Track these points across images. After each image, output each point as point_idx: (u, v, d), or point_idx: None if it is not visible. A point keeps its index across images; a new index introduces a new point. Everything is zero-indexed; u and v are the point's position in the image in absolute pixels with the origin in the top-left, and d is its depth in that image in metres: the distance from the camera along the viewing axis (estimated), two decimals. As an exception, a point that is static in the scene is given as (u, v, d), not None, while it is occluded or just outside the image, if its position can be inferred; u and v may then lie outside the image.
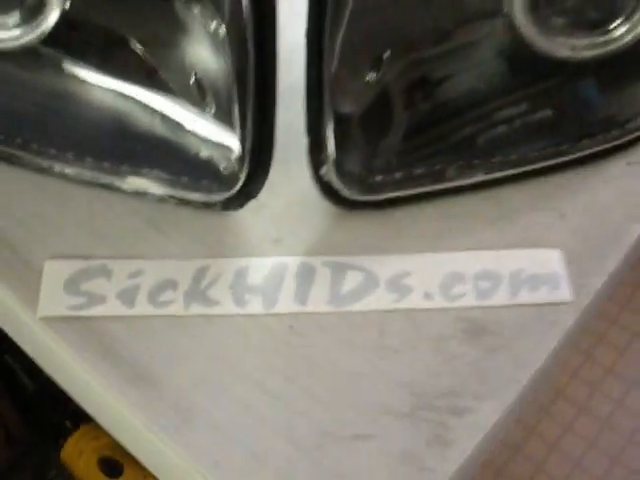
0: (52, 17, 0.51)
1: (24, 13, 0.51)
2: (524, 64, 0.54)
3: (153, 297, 0.47)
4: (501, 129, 0.53)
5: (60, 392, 0.50)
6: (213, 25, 0.47)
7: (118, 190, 0.51)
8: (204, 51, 0.49)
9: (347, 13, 0.45)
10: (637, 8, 0.51)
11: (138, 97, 0.52)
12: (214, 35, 0.47)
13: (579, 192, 0.54)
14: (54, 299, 0.47)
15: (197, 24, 0.49)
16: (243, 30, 0.41)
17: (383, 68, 0.50)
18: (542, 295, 0.48)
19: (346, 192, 0.49)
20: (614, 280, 0.50)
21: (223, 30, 0.46)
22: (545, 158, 0.53)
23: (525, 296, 0.48)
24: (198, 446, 0.42)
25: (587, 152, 0.54)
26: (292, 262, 0.49)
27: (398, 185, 0.51)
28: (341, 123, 0.47)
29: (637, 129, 0.54)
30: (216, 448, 0.42)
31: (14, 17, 0.51)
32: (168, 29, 0.50)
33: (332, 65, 0.44)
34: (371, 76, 0.50)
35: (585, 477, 1.27)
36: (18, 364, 0.99)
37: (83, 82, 0.52)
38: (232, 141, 0.48)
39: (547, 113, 0.54)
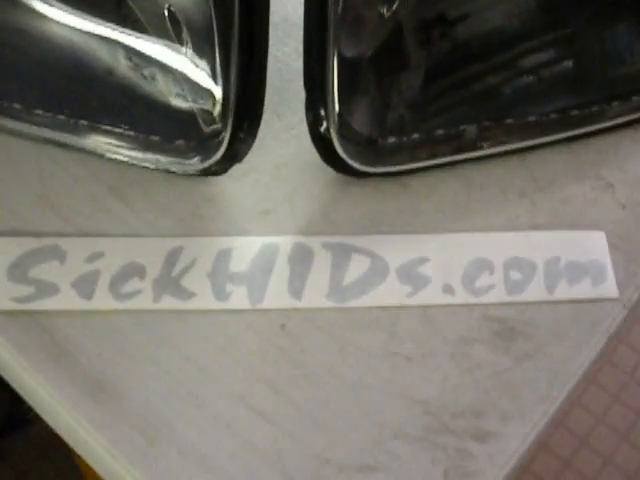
0: None
1: None
2: None
3: (116, 287, 0.43)
4: (528, 79, 0.49)
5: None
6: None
7: (74, 149, 0.47)
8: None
9: None
10: None
11: (101, 33, 0.47)
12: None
13: (630, 158, 0.49)
14: (-5, 289, 0.42)
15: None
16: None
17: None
18: (583, 289, 0.44)
19: (351, 160, 0.44)
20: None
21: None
22: (586, 119, 0.49)
23: (563, 291, 0.44)
24: (168, 474, 0.37)
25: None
26: (284, 243, 0.45)
27: (414, 151, 0.46)
28: (347, 66, 0.42)
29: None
30: (190, 477, 0.37)
31: None
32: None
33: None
34: (385, 8, 0.44)
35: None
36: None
37: (34, 13, 0.47)
38: (214, 89, 0.44)
39: (582, 63, 0.50)
